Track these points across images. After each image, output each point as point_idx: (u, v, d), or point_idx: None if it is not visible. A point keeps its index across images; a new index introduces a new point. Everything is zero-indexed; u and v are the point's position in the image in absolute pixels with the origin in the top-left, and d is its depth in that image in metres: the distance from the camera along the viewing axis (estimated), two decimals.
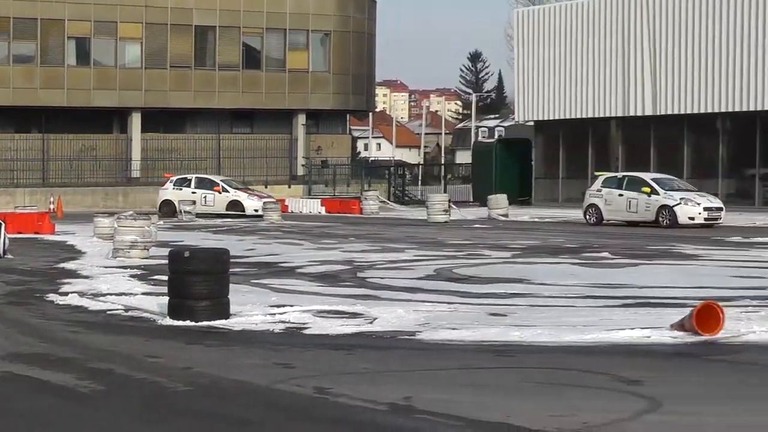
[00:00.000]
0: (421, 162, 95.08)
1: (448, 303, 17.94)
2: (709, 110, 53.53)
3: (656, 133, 56.75)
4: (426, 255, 29.53)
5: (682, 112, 54.77)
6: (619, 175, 39.33)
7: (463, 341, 13.72)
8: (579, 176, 57.50)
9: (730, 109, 52.62)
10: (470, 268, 25.15)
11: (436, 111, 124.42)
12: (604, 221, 36.26)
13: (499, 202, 50.43)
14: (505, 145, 61.95)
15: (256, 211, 44.71)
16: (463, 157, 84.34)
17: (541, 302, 18.46)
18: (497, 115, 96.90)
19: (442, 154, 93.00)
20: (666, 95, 54.56)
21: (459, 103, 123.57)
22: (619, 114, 56.62)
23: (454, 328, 14.60)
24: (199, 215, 44.99)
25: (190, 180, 47.81)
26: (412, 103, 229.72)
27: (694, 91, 53.46)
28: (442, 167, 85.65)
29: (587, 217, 37.55)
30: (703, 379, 11.07)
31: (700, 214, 33.11)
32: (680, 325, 13.94)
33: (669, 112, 55.04)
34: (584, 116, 57.40)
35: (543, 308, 17.60)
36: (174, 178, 48.60)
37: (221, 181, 46.92)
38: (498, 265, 26.09)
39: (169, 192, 47.00)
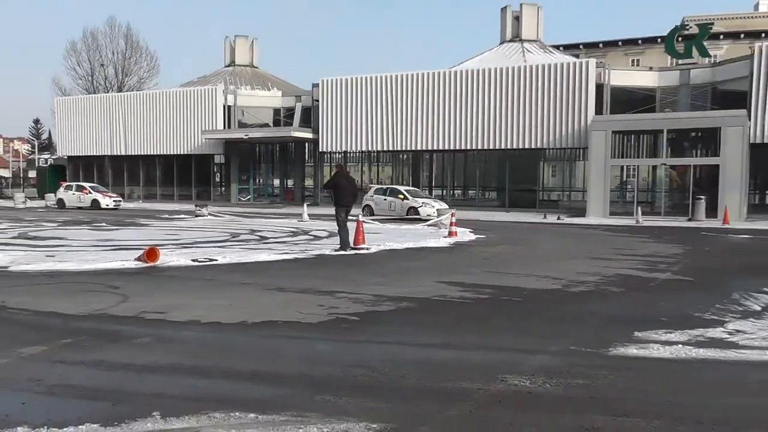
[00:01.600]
0: (9, 176, 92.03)
1: (25, 251, 17.90)
2: None
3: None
4: (21, 224, 28.27)
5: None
6: (384, 186, 36.97)
7: (34, 271, 14.19)
8: (102, 183, 54.28)
9: None
10: (38, 231, 24.42)
11: (18, 149, 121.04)
12: (374, 216, 32.81)
13: (50, 198, 48.57)
14: (54, 168, 62.16)
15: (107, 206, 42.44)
16: (33, 174, 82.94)
17: (73, 249, 18.54)
18: (49, 152, 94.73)
19: (21, 174, 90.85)
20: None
21: (28, 146, 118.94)
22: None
23: (28, 264, 14.86)
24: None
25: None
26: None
27: None
28: (21, 179, 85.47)
29: (364, 213, 33.02)
30: (150, 284, 12.50)
31: (432, 213, 31.79)
32: (139, 258, 15.37)
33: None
34: (89, 154, 56.03)
35: (74, 252, 17.82)
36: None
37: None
38: (53, 230, 25.29)
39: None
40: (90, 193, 42.74)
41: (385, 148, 44.44)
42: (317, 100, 46.15)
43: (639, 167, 44.79)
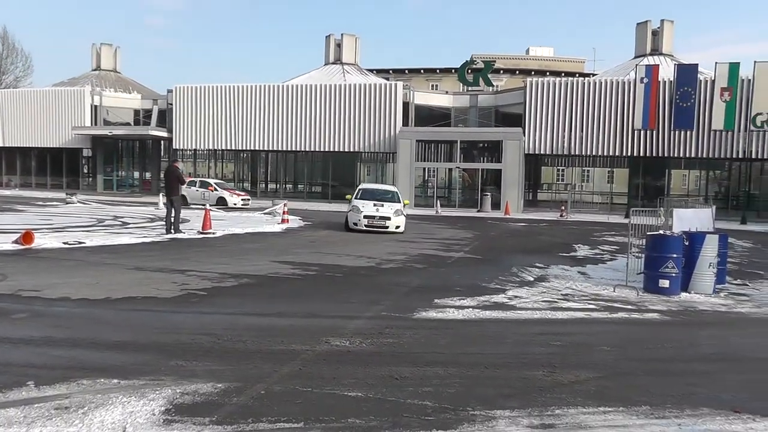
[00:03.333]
0: None
1: None
2: None
3: None
4: None
5: None
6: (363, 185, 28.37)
7: None
8: None
9: None
10: None
11: None
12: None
13: None
14: None
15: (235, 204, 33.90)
16: None
17: None
18: None
19: None
20: None
21: None
22: None
23: None
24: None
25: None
26: None
27: None
28: None
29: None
30: (26, 265, 11.43)
31: (358, 222, 21.08)
32: (16, 241, 14.26)
33: None
34: None
35: None
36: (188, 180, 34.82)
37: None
38: None
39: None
40: (216, 190, 34.73)
41: (228, 147, 43.94)
42: (171, 104, 45.15)
43: (438, 169, 45.92)
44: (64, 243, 15.12)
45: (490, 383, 5.72)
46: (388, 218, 21.13)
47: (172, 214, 18.67)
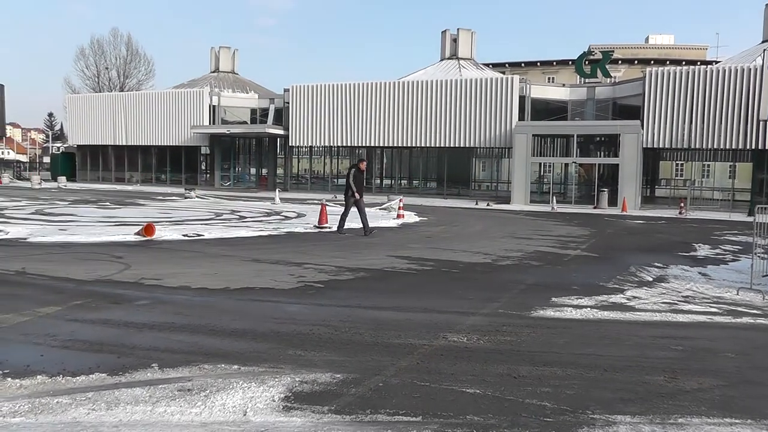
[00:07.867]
0: (26, 161, 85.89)
1: (41, 225, 17.34)
2: None
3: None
4: (37, 202, 27.01)
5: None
6: None
7: (49, 242, 14.01)
8: (106, 168, 54.11)
9: None
10: (52, 208, 23.52)
11: (34, 138, 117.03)
12: None
13: (62, 180, 48.19)
14: (65, 154, 57.08)
15: None
16: (47, 159, 78.76)
17: (82, 224, 18.01)
18: (61, 141, 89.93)
19: (37, 159, 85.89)
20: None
21: (43, 135, 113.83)
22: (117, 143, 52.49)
23: (44, 236, 14.65)
24: None
25: None
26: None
27: None
28: (37, 163, 78.95)
29: None
30: (148, 255, 12.17)
31: None
32: (138, 233, 15.04)
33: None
34: (96, 143, 53.51)
35: (83, 226, 17.31)
36: None
37: None
38: (64, 208, 24.46)
39: None
40: None
41: (343, 144, 44.49)
42: (287, 103, 46.11)
43: (554, 164, 45.23)
44: (184, 235, 15.74)
45: (609, 386, 5.52)
46: None
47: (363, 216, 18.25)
